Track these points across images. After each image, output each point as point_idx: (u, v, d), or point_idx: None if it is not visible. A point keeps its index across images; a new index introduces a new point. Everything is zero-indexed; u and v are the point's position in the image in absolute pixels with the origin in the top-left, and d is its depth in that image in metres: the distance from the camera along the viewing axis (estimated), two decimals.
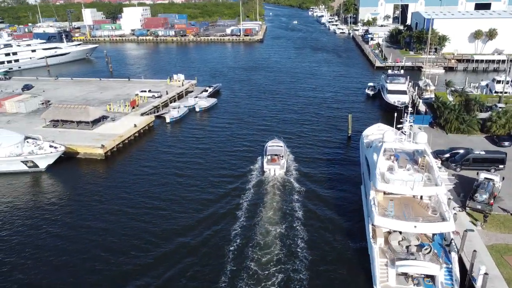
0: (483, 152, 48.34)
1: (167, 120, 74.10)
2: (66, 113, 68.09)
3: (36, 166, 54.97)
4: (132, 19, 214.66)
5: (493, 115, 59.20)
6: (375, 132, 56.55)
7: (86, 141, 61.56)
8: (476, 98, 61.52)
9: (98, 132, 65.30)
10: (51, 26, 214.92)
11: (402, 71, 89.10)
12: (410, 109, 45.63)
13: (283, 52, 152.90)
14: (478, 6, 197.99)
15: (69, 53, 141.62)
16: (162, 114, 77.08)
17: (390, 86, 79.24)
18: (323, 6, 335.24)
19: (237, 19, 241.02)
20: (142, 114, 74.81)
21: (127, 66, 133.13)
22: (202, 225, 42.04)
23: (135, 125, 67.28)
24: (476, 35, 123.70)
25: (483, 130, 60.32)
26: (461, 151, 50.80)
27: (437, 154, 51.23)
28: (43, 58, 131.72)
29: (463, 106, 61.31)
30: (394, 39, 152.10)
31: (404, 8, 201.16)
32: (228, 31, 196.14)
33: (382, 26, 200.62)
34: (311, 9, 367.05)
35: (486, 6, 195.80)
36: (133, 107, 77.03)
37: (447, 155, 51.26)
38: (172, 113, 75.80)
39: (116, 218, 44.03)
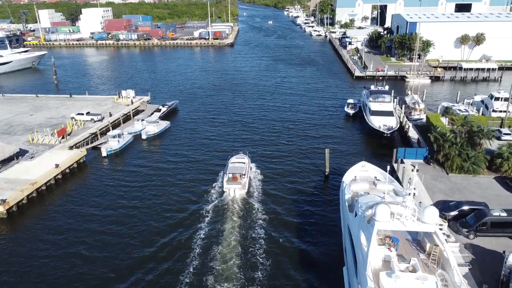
0: (504, 214, 36.08)
1: (103, 154, 59.75)
2: None
3: None
4: (91, 21, 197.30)
5: (503, 150, 47.42)
6: (358, 175, 44.44)
7: None
8: (483, 130, 49.52)
9: (4, 177, 50.39)
10: (1, 29, 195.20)
11: (386, 87, 76.87)
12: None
13: (253, 59, 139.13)
14: (459, 7, 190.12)
15: (11, 61, 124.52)
16: (98, 145, 62.61)
17: (374, 106, 67.11)
18: (299, 6, 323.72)
19: (207, 20, 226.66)
20: (71, 147, 60.22)
21: (76, 77, 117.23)
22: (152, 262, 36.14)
23: (56, 165, 52.72)
24: (463, 40, 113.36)
25: (490, 167, 48.57)
26: (472, 207, 38.80)
27: (440, 210, 38.82)
28: None
29: (467, 139, 49.33)
30: (374, 43, 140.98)
31: (383, 9, 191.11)
32: (196, 34, 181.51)
33: (360, 28, 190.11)
34: (287, 9, 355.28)
35: (467, 7, 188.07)
36: (62, 137, 62.29)
37: (455, 212, 39.05)
38: (111, 144, 61.47)
39: None
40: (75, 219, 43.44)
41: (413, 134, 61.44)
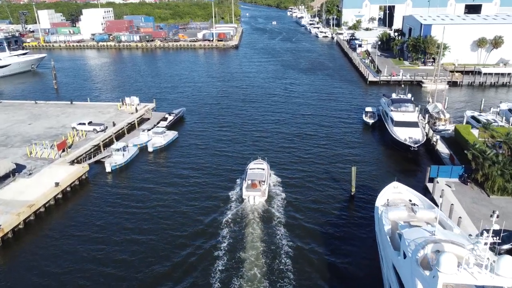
0: None
1: (107, 169, 55.15)
2: None
3: None
4: (92, 22, 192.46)
5: None
6: (391, 197, 40.45)
7: None
8: None
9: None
10: (0, 30, 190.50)
11: (409, 95, 72.19)
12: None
13: (260, 62, 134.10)
14: (469, 8, 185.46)
15: (9, 65, 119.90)
16: (101, 158, 58.03)
17: (397, 116, 62.50)
18: (303, 7, 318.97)
19: (210, 21, 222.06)
20: (72, 162, 55.64)
21: (77, 81, 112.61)
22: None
23: (56, 184, 48.16)
24: (480, 43, 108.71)
25: None
26: None
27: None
28: None
29: (510, 157, 44.76)
30: (385, 46, 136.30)
31: (391, 9, 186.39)
32: (200, 35, 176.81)
33: (367, 29, 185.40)
34: (290, 9, 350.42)
35: (477, 8, 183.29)
36: (62, 150, 57.70)
37: (507, 246, 34.47)
38: (115, 158, 56.87)
39: None
40: (77, 248, 38.81)
41: (442, 148, 56.81)
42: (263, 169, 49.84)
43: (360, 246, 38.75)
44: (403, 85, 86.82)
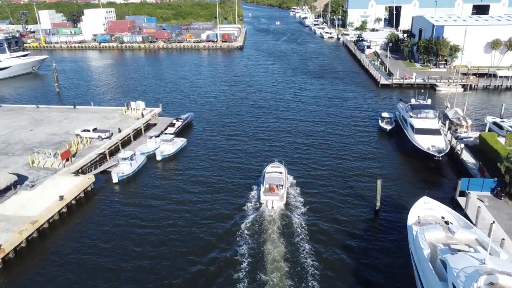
0: None
1: (114, 180, 52.13)
2: None
3: None
4: (94, 22, 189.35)
5: None
6: (422, 214, 37.87)
7: None
8: None
9: (0, 214, 42.83)
10: (0, 31, 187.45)
11: (429, 100, 69.12)
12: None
13: (266, 64, 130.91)
14: (476, 8, 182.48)
15: (10, 67, 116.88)
16: (107, 168, 55.00)
17: (417, 123, 59.46)
18: (307, 7, 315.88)
19: (213, 21, 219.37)
20: (77, 172, 52.60)
21: (80, 84, 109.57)
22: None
23: (61, 198, 45.16)
24: (494, 45, 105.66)
25: None
26: None
27: None
28: None
29: None
30: (394, 47, 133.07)
31: (398, 10, 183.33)
32: (204, 36, 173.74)
33: (374, 30, 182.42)
34: (293, 10, 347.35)
35: (485, 8, 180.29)
36: (66, 160, 54.69)
37: None
38: (122, 168, 53.88)
39: None
40: (82, 275, 35.56)
41: (467, 157, 53.76)
42: (281, 173, 48.15)
43: (392, 267, 35.72)
44: (422, 90, 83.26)
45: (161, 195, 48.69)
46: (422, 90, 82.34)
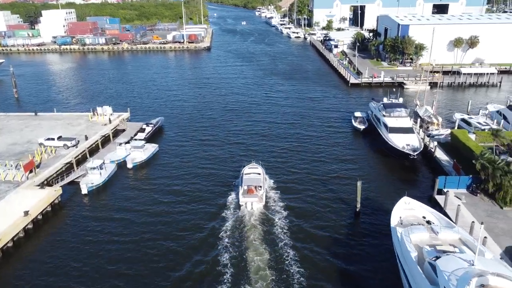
0: None
1: (83, 191, 49.30)
2: None
3: None
4: (53, 23, 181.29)
5: None
6: (403, 214, 37.71)
7: None
8: None
9: None
10: None
11: (400, 99, 69.94)
12: None
13: (235, 65, 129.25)
14: (436, 8, 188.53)
15: None
16: (75, 179, 51.98)
17: (390, 122, 59.94)
18: (273, 7, 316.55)
19: (178, 22, 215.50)
20: (42, 184, 49.34)
21: (40, 89, 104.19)
22: None
23: (26, 213, 42.08)
24: (456, 43, 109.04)
25: None
26: None
27: None
28: None
29: None
30: (360, 46, 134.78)
31: (362, 9, 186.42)
32: (170, 37, 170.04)
33: (340, 29, 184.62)
34: (258, 9, 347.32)
35: (444, 8, 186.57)
36: (30, 171, 51.25)
37: None
38: (91, 178, 51.08)
39: None
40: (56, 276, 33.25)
41: (441, 155, 54.55)
42: (259, 174, 47.60)
43: (377, 270, 35.33)
44: (394, 89, 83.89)
45: (134, 206, 46.37)
46: (394, 89, 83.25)
